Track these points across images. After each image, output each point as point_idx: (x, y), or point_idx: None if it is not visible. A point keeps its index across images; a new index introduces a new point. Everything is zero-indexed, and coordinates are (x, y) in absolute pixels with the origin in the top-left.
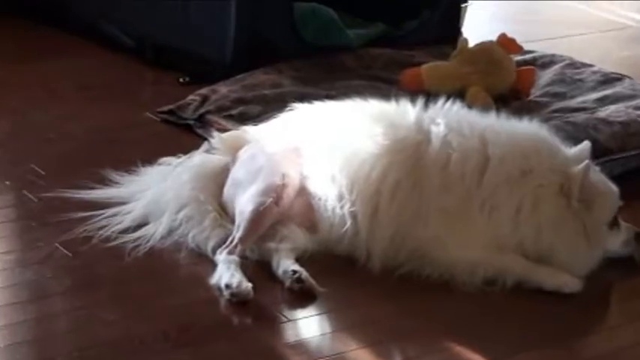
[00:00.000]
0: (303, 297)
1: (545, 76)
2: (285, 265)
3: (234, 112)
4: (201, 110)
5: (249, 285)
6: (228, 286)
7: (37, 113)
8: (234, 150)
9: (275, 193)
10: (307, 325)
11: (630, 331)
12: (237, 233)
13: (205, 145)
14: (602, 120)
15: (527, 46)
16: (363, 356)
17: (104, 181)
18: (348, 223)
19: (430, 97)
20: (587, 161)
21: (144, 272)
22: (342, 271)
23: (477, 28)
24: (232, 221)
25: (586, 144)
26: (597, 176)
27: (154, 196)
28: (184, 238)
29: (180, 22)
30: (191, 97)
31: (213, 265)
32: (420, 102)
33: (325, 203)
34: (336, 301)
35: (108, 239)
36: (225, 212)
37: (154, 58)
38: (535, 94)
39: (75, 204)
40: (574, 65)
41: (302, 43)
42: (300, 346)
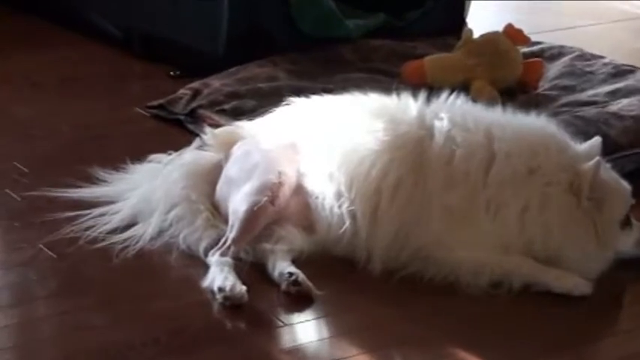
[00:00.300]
0: (299, 300)
1: (554, 68)
2: (281, 267)
3: (227, 106)
4: (193, 105)
5: (244, 288)
6: (221, 289)
7: (19, 108)
8: (228, 146)
9: (270, 191)
10: (304, 329)
11: None
12: (231, 234)
13: (197, 141)
14: (614, 114)
15: (534, 37)
16: None
17: (91, 180)
18: (347, 222)
19: (433, 90)
20: (597, 158)
21: (133, 275)
22: (340, 273)
23: (482, 18)
24: (225, 221)
25: (596, 139)
26: (608, 173)
27: (143, 195)
28: (175, 239)
29: (170, 12)
30: (182, 91)
31: (205, 267)
32: (422, 96)
33: (323, 202)
34: (335, 304)
35: (95, 240)
36: (217, 212)
37: (142, 50)
38: (543, 87)
39: (60, 203)
40: (584, 57)
41: (299, 35)
42: (296, 352)
